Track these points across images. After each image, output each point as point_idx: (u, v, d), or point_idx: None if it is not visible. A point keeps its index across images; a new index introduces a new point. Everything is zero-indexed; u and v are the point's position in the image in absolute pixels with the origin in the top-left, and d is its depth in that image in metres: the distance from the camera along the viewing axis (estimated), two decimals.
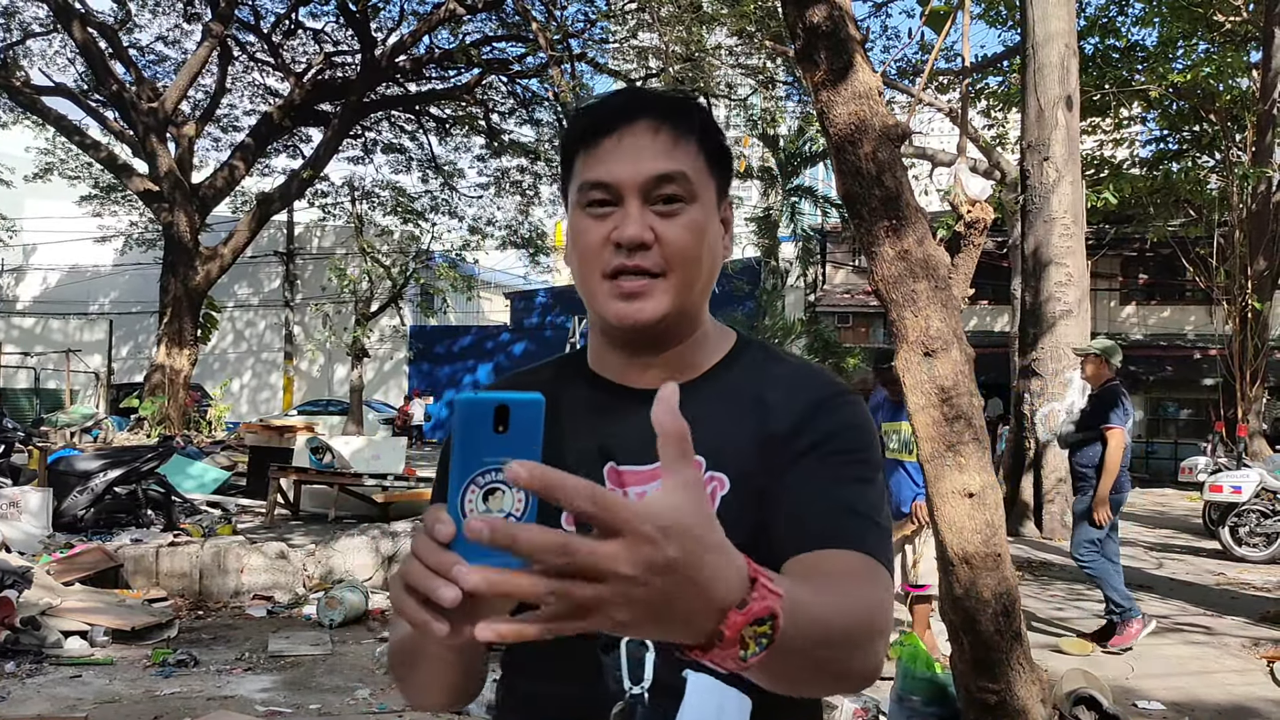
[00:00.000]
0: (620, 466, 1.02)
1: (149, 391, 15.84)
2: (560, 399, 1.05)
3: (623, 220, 0.98)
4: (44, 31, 18.00)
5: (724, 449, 0.99)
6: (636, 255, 0.98)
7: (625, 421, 1.02)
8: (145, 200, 17.25)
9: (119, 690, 4.72)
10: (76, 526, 8.66)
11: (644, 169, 0.98)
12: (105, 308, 29.30)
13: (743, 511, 0.96)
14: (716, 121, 1.07)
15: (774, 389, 1.02)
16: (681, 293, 1.00)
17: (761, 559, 0.91)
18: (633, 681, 0.94)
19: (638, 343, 1.04)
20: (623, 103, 1.03)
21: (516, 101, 19.87)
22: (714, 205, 1.03)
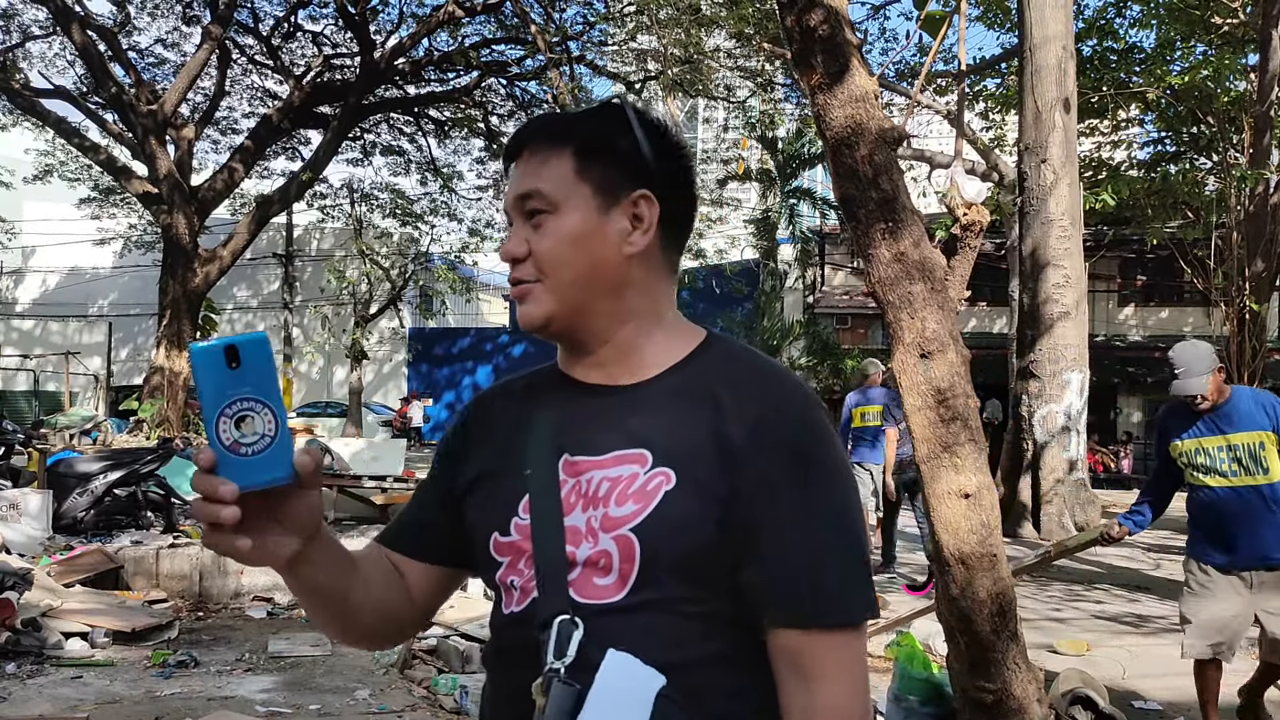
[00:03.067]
0: (573, 457, 1.08)
1: (148, 394, 15.84)
2: (530, 400, 1.17)
3: (507, 239, 1.13)
4: (43, 34, 18.01)
5: (672, 446, 1.04)
6: (516, 269, 1.11)
7: (577, 415, 1.11)
8: (144, 202, 17.25)
9: (120, 691, 4.73)
10: (76, 528, 8.66)
11: (513, 192, 1.12)
12: (104, 310, 29.31)
13: (691, 508, 1.01)
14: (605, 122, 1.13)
15: (730, 398, 1.05)
16: (561, 293, 1.09)
17: (715, 563, 1.01)
18: (556, 658, 0.99)
19: (563, 343, 1.15)
20: (514, 136, 1.16)
21: (515, 104, 19.88)
22: (590, 208, 1.09)
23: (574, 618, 1.01)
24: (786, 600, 1.00)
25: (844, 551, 1.02)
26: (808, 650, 1.00)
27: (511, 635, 1.07)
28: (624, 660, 0.99)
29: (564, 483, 1.06)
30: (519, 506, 1.08)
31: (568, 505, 1.05)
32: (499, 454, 1.14)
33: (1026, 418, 10.72)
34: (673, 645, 1.00)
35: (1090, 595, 7.42)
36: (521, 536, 1.07)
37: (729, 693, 1.02)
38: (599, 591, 1.02)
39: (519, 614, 1.06)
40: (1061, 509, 10.39)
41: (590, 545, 1.03)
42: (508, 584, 1.08)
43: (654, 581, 1.01)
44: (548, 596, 1.03)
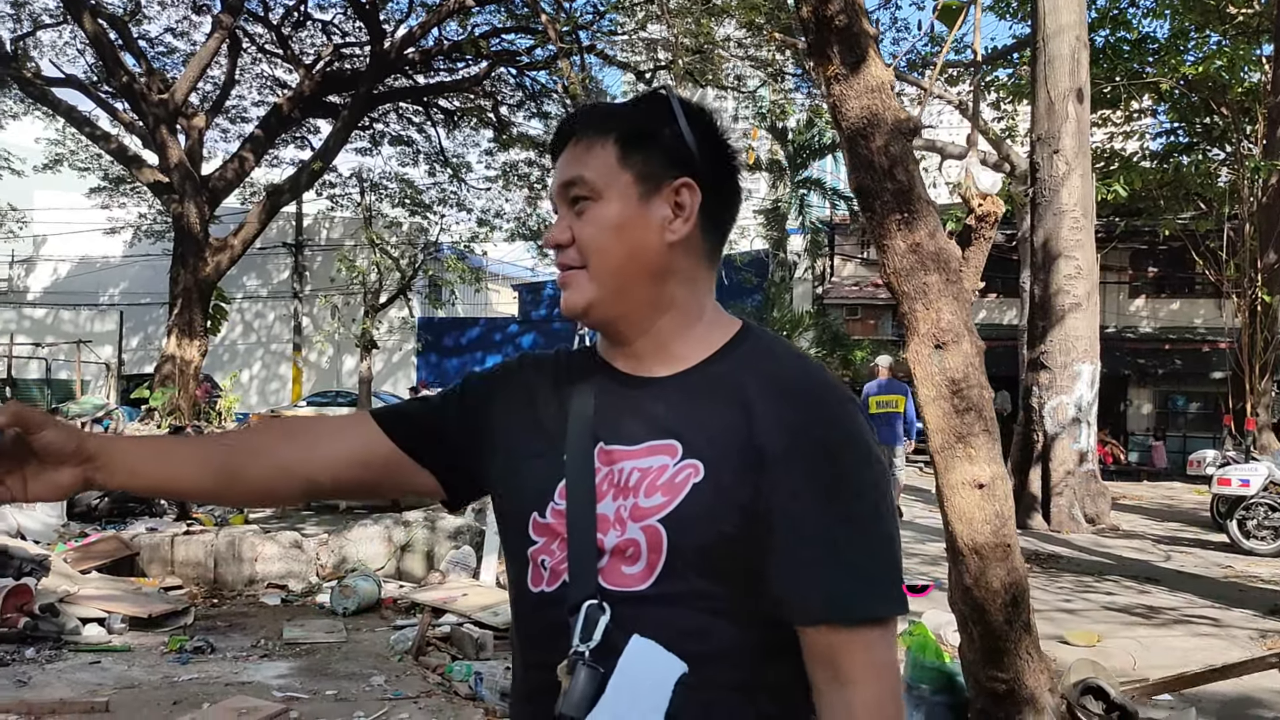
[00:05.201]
0: (608, 446, 1.10)
1: (159, 382, 15.90)
2: (571, 384, 1.18)
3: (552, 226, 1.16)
4: (54, 23, 18.04)
5: (701, 440, 1.06)
6: (560, 254, 1.13)
7: (615, 404, 1.13)
8: (155, 191, 17.31)
9: (138, 676, 4.78)
10: (90, 516, 8.73)
11: (557, 180, 1.15)
12: (115, 299, 29.42)
13: (717, 501, 1.03)
14: (648, 111, 1.15)
15: (762, 392, 1.07)
16: (603, 279, 1.11)
17: (740, 558, 1.03)
18: (582, 641, 1.02)
19: (603, 331, 1.17)
20: (561, 125, 1.19)
21: (525, 94, 19.87)
22: (633, 195, 1.11)
23: (601, 603, 1.03)
24: (816, 597, 1.01)
25: (874, 548, 1.03)
26: (838, 647, 1.01)
27: (540, 613, 1.10)
28: (647, 646, 1.02)
29: (598, 470, 1.09)
30: (556, 492, 1.10)
31: (600, 493, 1.08)
32: (536, 431, 1.16)
33: (1037, 409, 10.71)
34: (693, 636, 1.02)
35: (1100, 587, 7.43)
36: (557, 520, 1.10)
37: (746, 686, 1.04)
38: (626, 579, 1.04)
39: (550, 594, 1.09)
40: (1072, 500, 10.39)
41: (618, 534, 1.05)
42: (538, 562, 1.11)
43: (679, 572, 1.03)
44: (578, 581, 1.05)
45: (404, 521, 7.41)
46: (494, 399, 1.23)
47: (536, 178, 22.07)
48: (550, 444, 1.13)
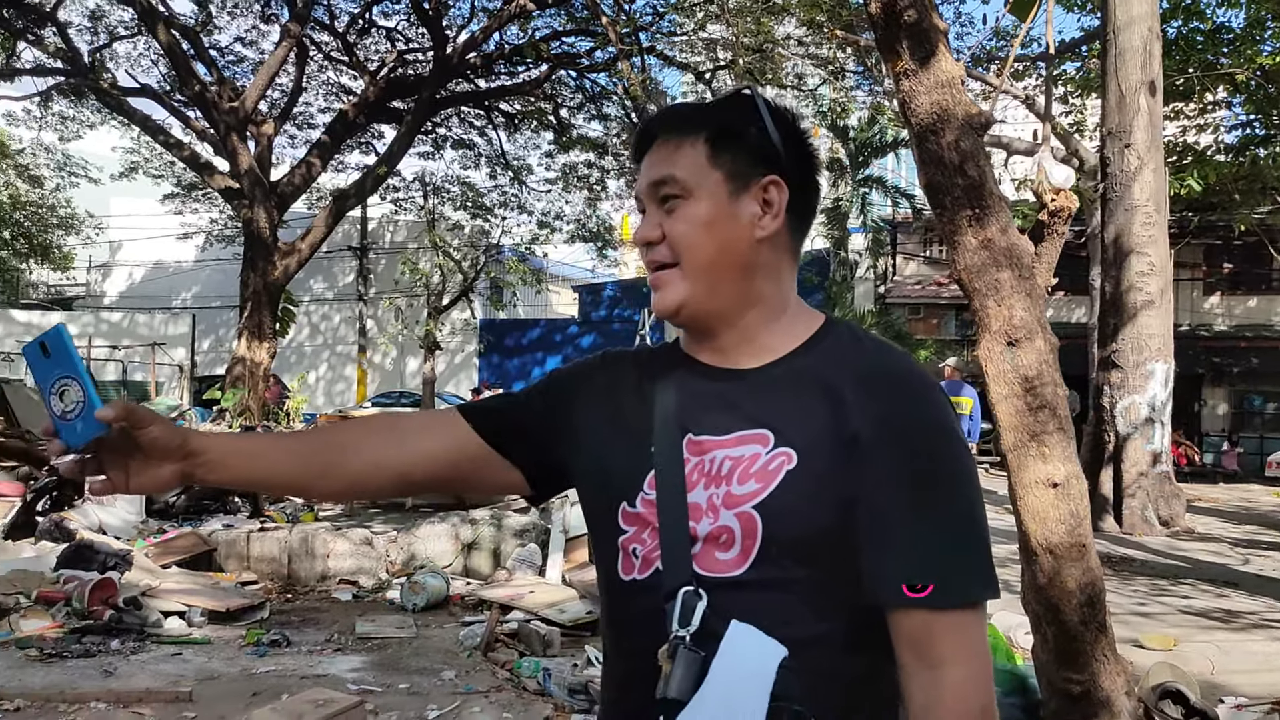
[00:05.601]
0: (696, 437, 1.13)
1: (230, 383, 16.29)
2: (655, 378, 1.21)
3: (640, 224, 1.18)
4: (129, 34, 18.58)
5: (793, 429, 1.08)
6: (651, 251, 1.16)
7: (703, 396, 1.16)
8: (226, 197, 17.74)
9: (218, 668, 4.92)
10: (168, 513, 8.99)
11: (647, 178, 1.17)
12: (188, 302, 30.21)
13: (811, 489, 1.05)
14: (738, 110, 1.18)
15: (851, 382, 1.09)
16: (695, 277, 1.14)
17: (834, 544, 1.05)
18: (680, 626, 1.04)
19: (691, 327, 1.19)
20: (646, 125, 1.22)
21: (585, 96, 19.98)
22: (723, 193, 1.14)
23: (698, 589, 1.05)
24: (909, 581, 1.02)
25: (966, 531, 1.05)
26: (928, 631, 1.02)
27: (632, 600, 1.13)
28: (747, 631, 1.04)
29: (687, 461, 1.11)
30: (645, 482, 1.13)
31: (690, 482, 1.10)
32: (622, 423, 1.19)
33: (1108, 409, 10.49)
34: (789, 621, 1.04)
35: (1176, 590, 7.26)
36: (647, 510, 1.12)
37: (842, 671, 1.06)
38: (721, 565, 1.06)
39: (642, 581, 1.11)
40: (1145, 502, 10.15)
41: (711, 521, 1.07)
42: (629, 550, 1.13)
43: (774, 558, 1.05)
44: (672, 568, 1.08)
45: (470, 520, 7.51)
46: (579, 394, 1.26)
47: (596, 179, 22.18)
48: (637, 436, 1.16)
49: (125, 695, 4.39)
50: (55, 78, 17.87)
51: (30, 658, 4.91)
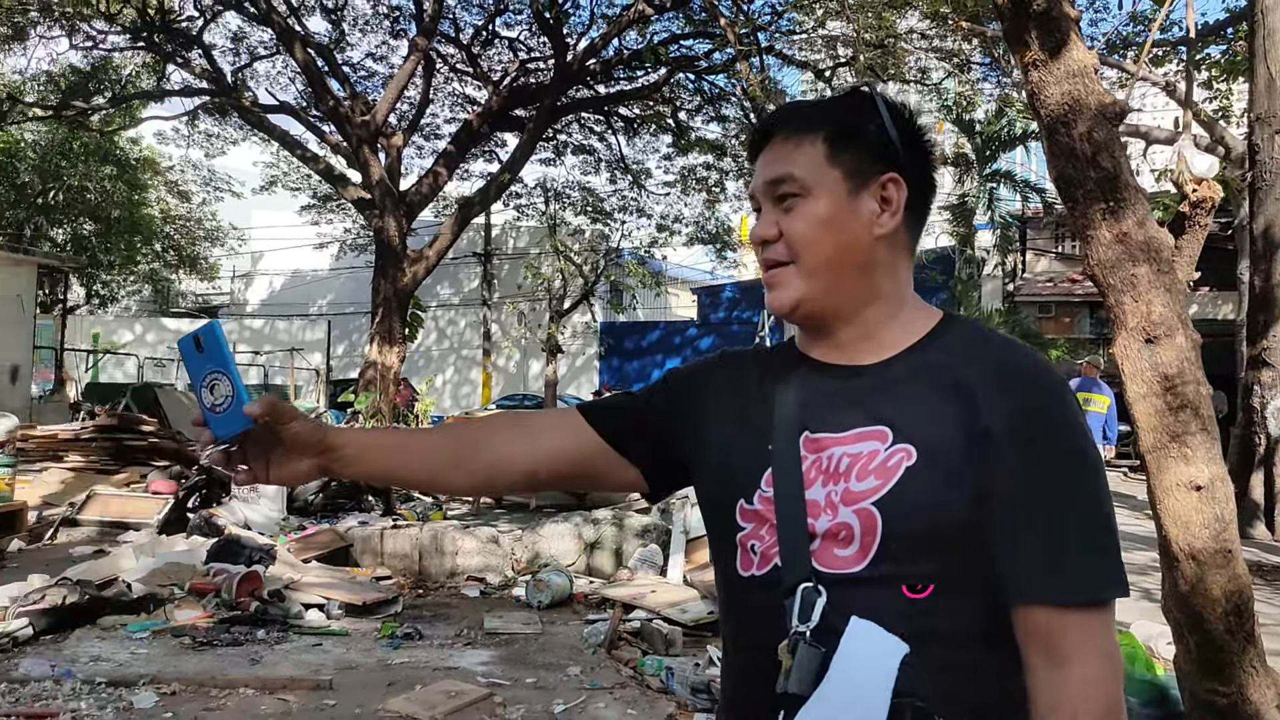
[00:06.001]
0: (814, 434, 1.13)
1: (363, 386, 16.88)
2: (772, 377, 1.22)
3: (757, 223, 1.19)
4: (269, 54, 19.48)
5: (912, 425, 1.08)
6: (767, 250, 1.16)
7: (819, 394, 1.16)
8: (358, 208, 18.41)
9: (355, 659, 5.13)
10: (307, 510, 9.40)
11: (764, 176, 1.17)
12: (323, 309, 31.50)
13: (932, 485, 1.05)
14: (857, 108, 1.18)
15: (980, 377, 1.08)
16: (814, 275, 1.14)
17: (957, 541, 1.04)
18: (800, 621, 1.05)
19: (808, 325, 1.20)
20: (763, 122, 1.23)
21: (703, 98, 19.99)
22: (842, 191, 1.14)
23: (817, 585, 1.06)
24: (1036, 579, 1.02)
25: (1095, 529, 1.03)
26: (1055, 629, 1.01)
27: (751, 596, 1.14)
28: (868, 627, 1.04)
29: (804, 458, 1.12)
30: (762, 479, 1.14)
31: (808, 480, 1.11)
32: (739, 421, 1.21)
33: (1258, 409, 9.93)
34: (912, 616, 1.04)
35: None
36: (765, 507, 1.13)
37: (966, 666, 1.05)
38: (840, 561, 1.07)
39: (760, 578, 1.13)
40: None
41: (829, 518, 1.08)
42: (748, 547, 1.15)
43: (894, 555, 1.05)
44: (791, 564, 1.09)
45: (593, 519, 7.61)
46: (697, 393, 1.28)
47: (715, 181, 22.17)
48: (755, 434, 1.17)
49: (271, 682, 4.62)
50: (201, 98, 18.89)
51: (184, 645, 5.21)
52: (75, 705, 4.25)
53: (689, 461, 1.27)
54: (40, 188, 22.23)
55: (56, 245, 22.80)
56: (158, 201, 26.95)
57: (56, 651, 5.06)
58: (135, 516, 8.81)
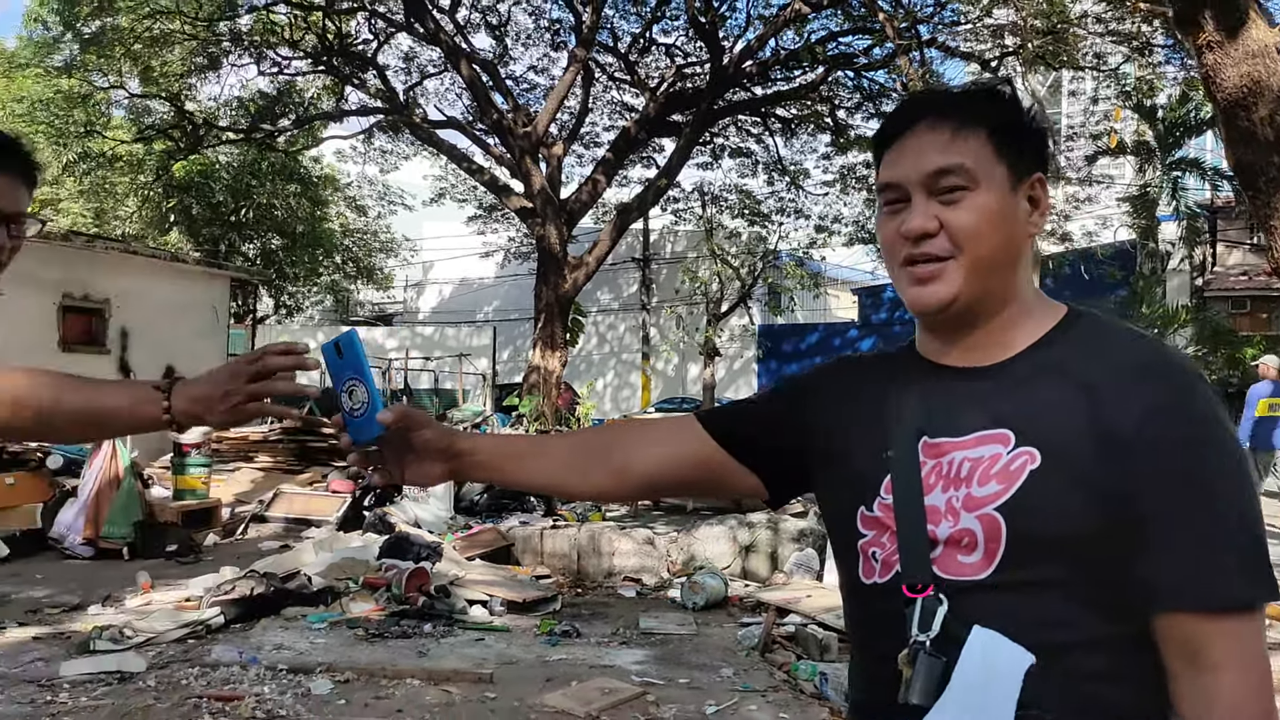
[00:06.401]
0: (933, 440, 1.11)
1: (526, 390, 17.39)
2: (889, 381, 1.20)
3: (908, 214, 1.11)
4: (437, 71, 20.34)
5: (1035, 426, 1.04)
6: (923, 244, 1.10)
7: (938, 397, 1.13)
8: (521, 216, 18.98)
9: (516, 654, 5.29)
10: (473, 509, 9.77)
11: (923, 165, 1.11)
12: (489, 315, 32.58)
13: (1058, 488, 1.01)
14: (1015, 104, 1.14)
15: (1105, 374, 1.04)
16: (974, 271, 1.10)
17: (1088, 545, 1.00)
18: (920, 630, 1.03)
19: (943, 323, 1.15)
20: (906, 108, 1.17)
21: (863, 95, 19.64)
22: (1006, 187, 1.10)
23: (938, 593, 1.04)
24: (1179, 585, 0.97)
25: (1240, 530, 0.98)
26: (1201, 636, 0.97)
27: (873, 603, 1.13)
28: (991, 637, 1.01)
29: (924, 464, 1.10)
30: (881, 486, 1.13)
31: (928, 485, 1.09)
32: (858, 427, 1.19)
33: None
34: (1039, 625, 1.01)
35: None
36: (884, 514, 1.12)
37: (1098, 676, 1.01)
38: (963, 569, 1.04)
39: (882, 585, 1.11)
40: None
41: (951, 524, 1.06)
42: (869, 554, 1.14)
43: (1022, 561, 1.02)
44: (911, 571, 1.07)
45: (748, 523, 7.60)
46: (814, 398, 1.27)
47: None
48: (873, 440, 1.16)
49: (436, 674, 4.83)
50: (376, 116, 19.90)
51: (357, 636, 5.50)
52: (259, 690, 4.55)
53: (808, 467, 1.26)
54: (233, 206, 23.89)
55: (247, 260, 24.46)
56: (337, 216, 28.54)
57: (244, 639, 5.43)
58: (316, 514, 9.36)
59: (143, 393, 1.35)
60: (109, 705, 4.34)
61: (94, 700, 4.41)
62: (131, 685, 4.62)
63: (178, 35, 17.46)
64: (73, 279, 12.61)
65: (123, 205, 25.08)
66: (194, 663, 4.97)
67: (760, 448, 1.29)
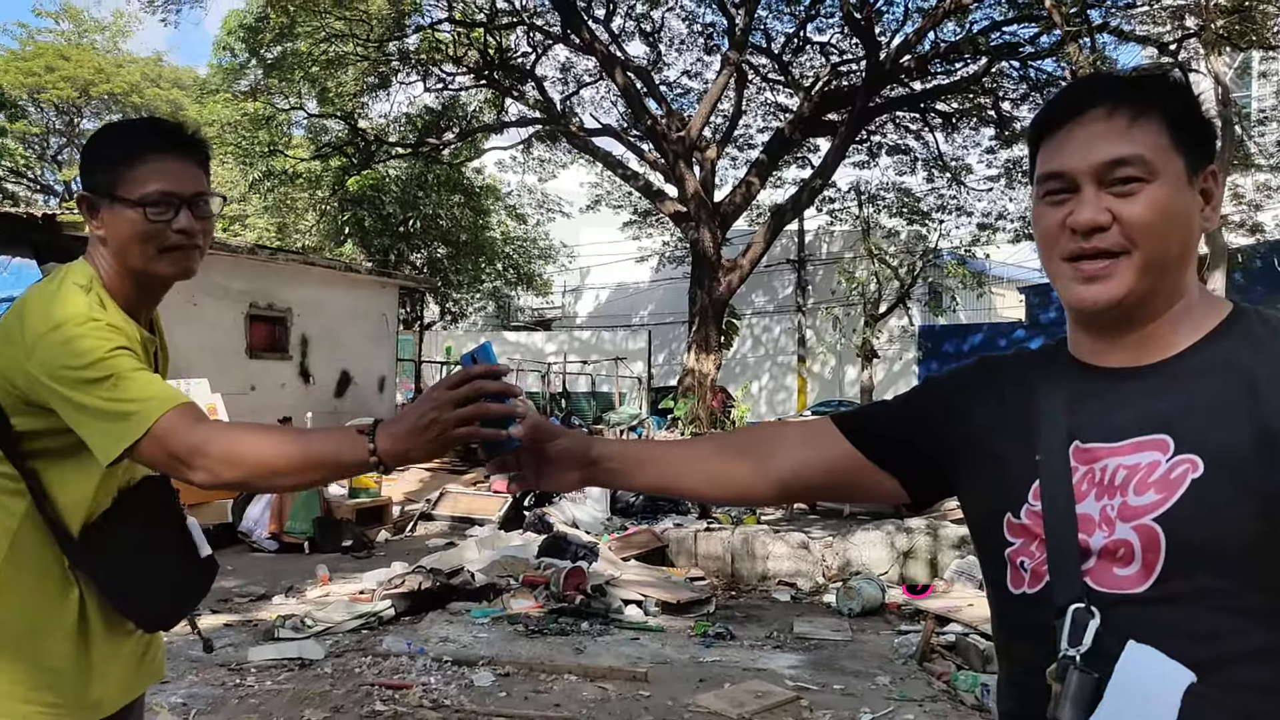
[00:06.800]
0: (1085, 445, 1.06)
1: (681, 393, 17.49)
2: (1037, 383, 1.15)
3: (1077, 206, 1.05)
4: (592, 81, 20.74)
5: (1197, 431, 0.99)
6: (1094, 238, 1.04)
7: (1091, 400, 1.08)
8: (675, 221, 19.11)
9: (670, 654, 5.35)
10: (628, 511, 9.90)
11: (1096, 155, 1.04)
12: (644, 319, 32.96)
13: (1224, 499, 0.96)
14: (1189, 91, 1.08)
15: (1266, 373, 0.98)
16: (1147, 269, 1.04)
17: (1257, 555, 0.96)
18: (1070, 644, 0.99)
19: (1104, 323, 1.09)
20: (1075, 92, 1.09)
21: (1029, 86, 18.86)
22: (1183, 180, 1.04)
23: (1089, 606, 1.00)
24: None
25: None
26: None
27: (1022, 615, 1.09)
28: (1149, 653, 0.97)
29: (1074, 470, 1.06)
30: (1030, 492, 1.09)
31: (1079, 493, 1.04)
32: (1003, 431, 1.15)
33: None
34: (1204, 639, 0.96)
35: None
36: (1033, 521, 1.08)
37: (1263, 688, 0.96)
38: (1119, 581, 1.00)
39: (1032, 596, 1.08)
40: None
41: (1105, 534, 1.02)
42: (1018, 564, 1.10)
43: (1184, 573, 0.97)
44: (1061, 583, 1.03)
45: (906, 528, 7.43)
46: (956, 402, 1.23)
47: None
48: (1021, 444, 1.12)
49: (593, 670, 4.93)
50: (534, 126, 20.45)
51: (518, 632, 5.68)
52: (426, 679, 4.76)
53: (947, 473, 1.23)
54: (401, 217, 25.01)
55: (415, 268, 25.55)
56: (498, 225, 29.46)
57: (412, 631, 5.69)
58: (479, 513, 9.70)
59: (348, 439, 1.41)
60: (291, 690, 4.63)
61: (277, 684, 4.71)
62: (311, 671, 4.92)
63: (351, 57, 18.44)
64: (258, 289, 13.49)
65: (302, 219, 26.68)
66: (367, 652, 5.24)
67: (897, 450, 1.26)
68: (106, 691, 1.66)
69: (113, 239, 1.62)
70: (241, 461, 1.42)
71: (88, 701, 1.63)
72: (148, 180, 1.58)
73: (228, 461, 1.42)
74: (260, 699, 4.50)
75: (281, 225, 26.74)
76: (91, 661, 1.63)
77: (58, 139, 33.37)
